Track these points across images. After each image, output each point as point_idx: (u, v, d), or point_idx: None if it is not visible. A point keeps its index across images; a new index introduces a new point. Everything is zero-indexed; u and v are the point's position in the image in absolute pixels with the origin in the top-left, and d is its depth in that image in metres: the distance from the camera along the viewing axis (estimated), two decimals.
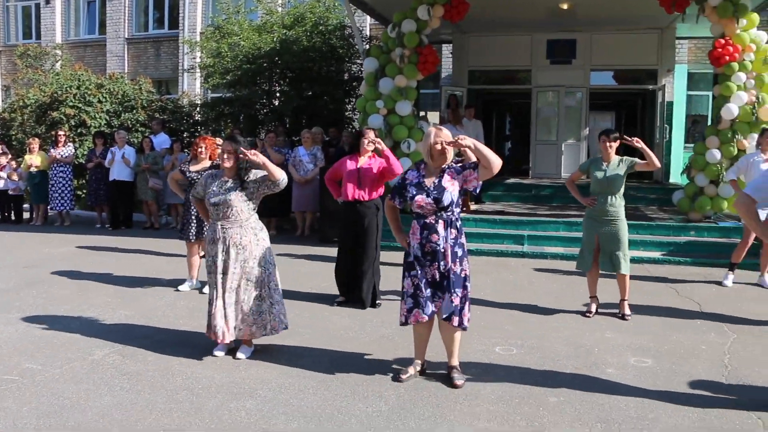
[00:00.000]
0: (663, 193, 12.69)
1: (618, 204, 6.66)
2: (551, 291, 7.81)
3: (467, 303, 4.84)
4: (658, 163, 6.63)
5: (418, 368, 5.01)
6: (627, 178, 6.72)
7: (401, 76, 10.86)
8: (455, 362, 4.94)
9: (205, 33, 17.68)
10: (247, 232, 5.32)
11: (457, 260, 4.77)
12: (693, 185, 10.41)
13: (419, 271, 4.77)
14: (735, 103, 9.90)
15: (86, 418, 4.27)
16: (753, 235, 8.07)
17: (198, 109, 16.98)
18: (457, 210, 4.81)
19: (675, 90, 16.91)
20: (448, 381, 4.84)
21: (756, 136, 9.69)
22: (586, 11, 13.74)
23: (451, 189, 4.71)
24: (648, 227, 10.23)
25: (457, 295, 4.75)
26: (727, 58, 9.91)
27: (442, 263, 4.72)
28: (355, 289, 7.03)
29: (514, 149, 22.75)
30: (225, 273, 5.29)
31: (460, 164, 4.79)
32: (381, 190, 7.09)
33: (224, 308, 5.29)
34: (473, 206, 9.79)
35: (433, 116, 17.14)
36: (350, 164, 7.04)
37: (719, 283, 8.28)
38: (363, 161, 7.04)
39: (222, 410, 4.38)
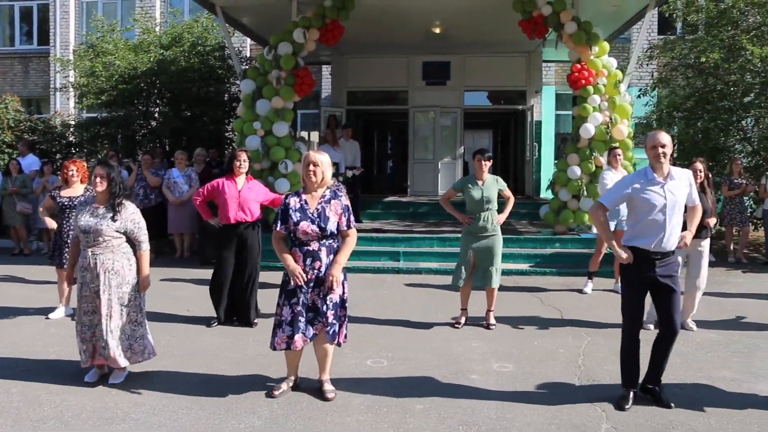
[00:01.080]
0: (533, 208, 13.37)
1: (494, 221, 7.00)
2: (424, 305, 8.12)
3: (345, 322, 5.01)
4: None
5: (291, 384, 5.14)
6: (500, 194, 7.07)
7: (278, 97, 10.99)
8: (326, 376, 5.10)
9: (78, 51, 17.15)
10: (119, 257, 5.29)
11: (339, 284, 4.90)
12: (557, 200, 11.09)
13: (300, 298, 4.84)
14: (591, 123, 10.64)
15: None
16: (605, 244, 8.70)
17: (72, 129, 16.41)
18: (339, 237, 4.97)
19: (543, 110, 17.92)
20: (320, 394, 5.00)
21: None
22: (458, 35, 14.38)
23: (334, 218, 4.87)
24: (517, 240, 10.79)
25: (337, 315, 4.89)
26: (583, 81, 10.66)
27: (323, 289, 4.83)
28: (241, 310, 7.09)
29: (395, 167, 23.26)
30: (99, 299, 5.22)
31: (336, 192, 4.96)
32: (259, 211, 7.20)
33: (100, 334, 5.23)
34: None
35: (314, 136, 17.36)
36: (229, 186, 7.08)
37: (580, 291, 8.87)
38: (241, 183, 7.12)
39: None
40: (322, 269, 4.83)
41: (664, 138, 4.72)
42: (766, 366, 5.80)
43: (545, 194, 16.46)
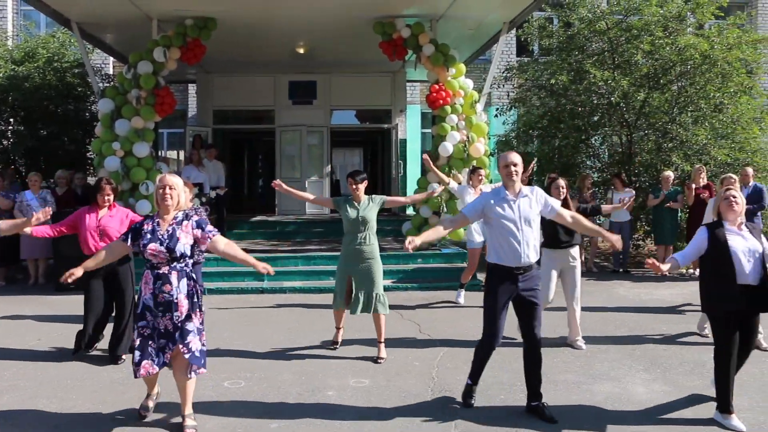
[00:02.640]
0: (398, 225, 13.66)
1: (372, 242, 6.84)
2: (286, 324, 8.13)
3: (204, 353, 4.86)
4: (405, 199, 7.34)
5: (155, 399, 5.11)
6: None
7: (138, 117, 10.73)
8: (188, 410, 4.86)
9: None
10: None
11: (196, 310, 4.80)
12: (419, 216, 11.42)
13: (150, 322, 4.73)
14: (449, 141, 11.06)
15: None
16: (477, 257, 9.06)
17: None
18: (191, 261, 4.85)
19: (409, 128, 18.42)
20: (180, 428, 4.80)
21: (467, 171, 10.95)
22: (323, 55, 14.57)
23: (185, 239, 4.74)
24: (381, 257, 10.97)
25: (196, 346, 4.75)
26: (441, 101, 11.09)
27: (175, 314, 4.69)
28: (111, 342, 6.65)
29: (264, 187, 23.13)
30: None
31: (198, 219, 4.87)
32: None
33: None
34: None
35: (181, 155, 17.04)
36: (90, 217, 6.73)
37: (450, 302, 9.27)
38: (103, 212, 6.80)
39: None
40: (173, 293, 4.70)
41: (516, 158, 5.02)
42: (603, 368, 6.22)
43: (409, 211, 16.91)
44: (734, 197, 5.00)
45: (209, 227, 4.83)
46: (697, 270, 6.96)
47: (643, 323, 8.04)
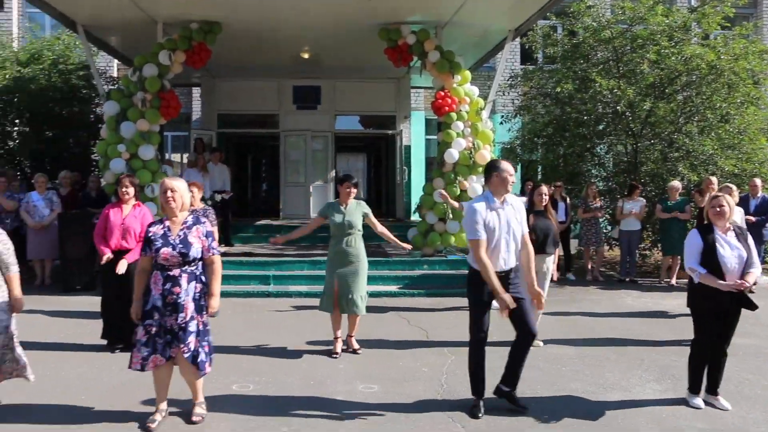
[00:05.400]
0: (403, 231, 13.51)
1: (358, 245, 6.93)
2: (293, 328, 8.10)
3: (211, 351, 4.95)
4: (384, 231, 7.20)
5: (164, 414, 5.01)
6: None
7: (143, 120, 10.71)
8: (198, 399, 5.06)
9: None
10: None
11: (202, 312, 4.87)
12: (424, 223, 11.38)
13: (157, 321, 4.78)
14: (455, 148, 11.04)
15: None
16: None
17: None
18: (201, 264, 4.92)
19: (413, 134, 18.40)
20: (189, 416, 4.97)
21: (474, 178, 10.93)
22: (328, 60, 14.58)
23: (197, 244, 4.83)
24: (386, 263, 10.99)
25: (202, 347, 4.85)
26: (446, 108, 11.07)
27: (180, 315, 4.74)
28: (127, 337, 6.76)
29: (268, 191, 23.13)
30: None
31: (208, 231, 4.92)
32: None
33: None
34: (222, 248, 9.84)
35: (185, 158, 17.01)
36: (114, 214, 6.92)
37: (457, 308, 9.15)
38: (127, 210, 6.96)
39: None
40: (181, 296, 4.75)
41: (511, 168, 5.17)
42: (614, 378, 6.18)
43: (415, 217, 16.90)
44: (721, 205, 5.32)
45: (215, 244, 4.96)
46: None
47: (652, 332, 8.00)
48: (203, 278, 4.91)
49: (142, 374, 5.24)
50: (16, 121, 14.86)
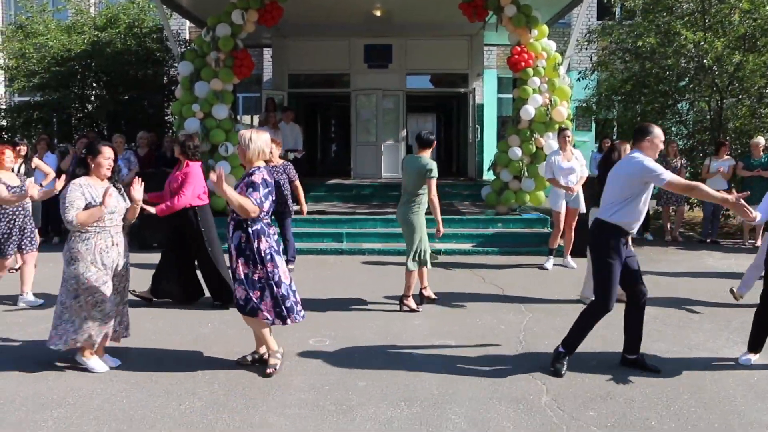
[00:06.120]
0: (475, 189, 13.45)
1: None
2: (366, 285, 8.09)
3: (263, 298, 4.95)
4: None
5: (250, 359, 5.26)
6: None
7: (217, 79, 10.79)
8: (270, 348, 5.13)
9: (6, 32, 16.54)
10: (124, 236, 5.27)
11: (247, 262, 4.92)
12: (499, 181, 11.18)
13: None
14: (531, 104, 10.74)
15: None
16: (561, 221, 8.90)
17: (2, 114, 15.85)
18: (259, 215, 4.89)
19: (485, 93, 18.03)
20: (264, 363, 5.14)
21: (551, 135, 10.64)
22: (400, 17, 14.34)
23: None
24: (459, 221, 10.86)
25: (239, 295, 4.96)
26: (523, 64, 10.75)
27: (232, 262, 5.02)
28: (223, 289, 6.99)
29: (338, 151, 23.18)
30: (123, 279, 5.26)
31: (248, 180, 4.90)
32: (190, 196, 6.99)
33: (123, 312, 5.34)
34: (294, 207, 9.86)
35: (255, 120, 17.16)
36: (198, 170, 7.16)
37: (540, 267, 9.04)
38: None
39: (26, 422, 4.22)
40: (229, 242, 5.02)
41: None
42: (698, 338, 5.96)
43: (487, 176, 16.67)
44: None
45: (254, 195, 4.83)
46: None
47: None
48: (251, 229, 4.90)
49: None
50: (94, 84, 15.21)
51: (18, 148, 9.34)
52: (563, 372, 4.96)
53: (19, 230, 7.08)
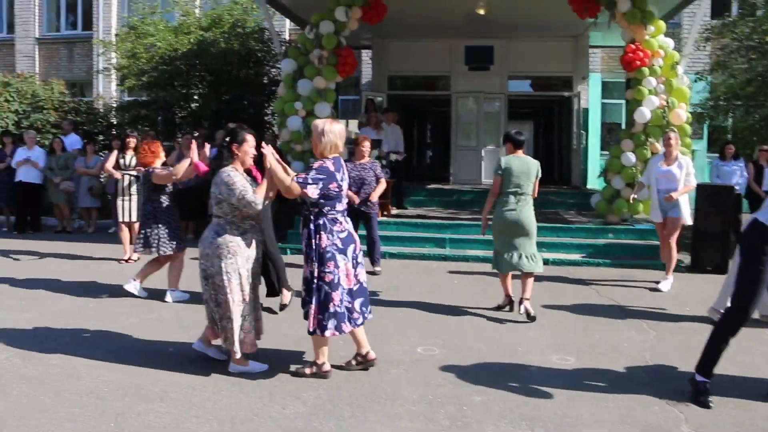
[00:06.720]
0: (581, 198, 12.87)
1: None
2: (472, 292, 7.71)
3: (317, 305, 4.65)
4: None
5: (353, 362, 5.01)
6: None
7: (320, 77, 10.67)
8: (363, 350, 4.96)
9: (119, 33, 17.05)
10: None
11: (311, 261, 4.66)
12: (610, 188, 10.55)
13: None
14: (647, 106, 10.09)
15: None
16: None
17: (113, 111, 16.37)
18: (314, 209, 4.67)
19: (590, 97, 17.32)
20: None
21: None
22: (503, 17, 13.84)
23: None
24: (568, 230, 10.31)
25: (308, 293, 4.70)
26: (638, 62, 10.09)
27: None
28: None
29: (434, 155, 22.86)
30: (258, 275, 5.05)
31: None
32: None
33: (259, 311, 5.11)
34: (394, 210, 9.65)
35: (353, 124, 17.00)
36: None
37: (655, 287, 8.09)
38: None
39: (129, 413, 4.13)
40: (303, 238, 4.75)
41: None
42: None
43: (592, 184, 15.98)
44: None
45: (302, 175, 4.62)
46: None
47: None
48: (313, 224, 4.64)
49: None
50: (198, 83, 15.45)
51: (128, 139, 9.51)
52: (711, 404, 4.35)
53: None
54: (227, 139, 4.93)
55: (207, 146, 6.68)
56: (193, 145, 6.44)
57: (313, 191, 4.55)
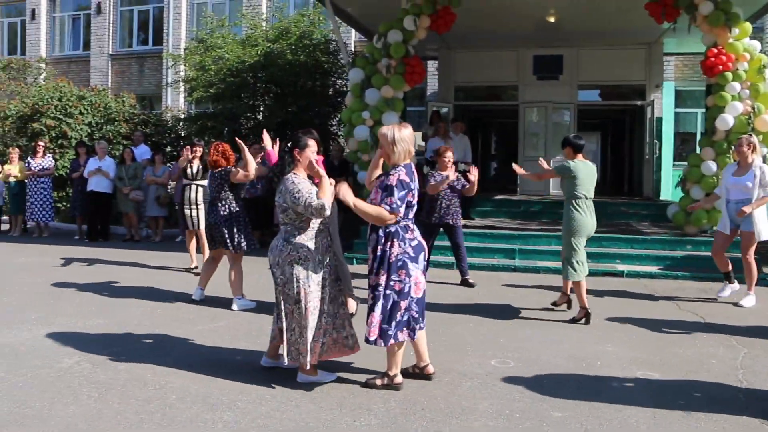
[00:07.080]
0: (655, 209, 12.38)
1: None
2: (546, 304, 7.39)
3: (372, 312, 4.49)
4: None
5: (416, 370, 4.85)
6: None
7: (388, 86, 10.55)
8: (422, 363, 4.84)
9: (189, 47, 17.34)
10: None
11: (380, 269, 4.49)
12: (688, 198, 10.08)
13: None
14: (730, 113, 9.61)
15: (48, 427, 3.92)
16: (718, 245, 7.79)
17: (181, 123, 16.65)
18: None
19: (663, 106, 16.75)
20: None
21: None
22: (573, 25, 13.51)
23: (374, 195, 4.57)
24: (643, 241, 9.90)
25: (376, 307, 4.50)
26: (721, 67, 9.63)
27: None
28: None
29: (500, 167, 22.49)
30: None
31: (386, 182, 4.47)
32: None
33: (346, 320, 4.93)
34: (462, 221, 9.46)
35: (417, 136, 16.85)
36: None
37: (737, 302, 7.60)
38: None
39: (197, 422, 4.03)
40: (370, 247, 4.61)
41: None
42: None
43: (665, 196, 15.43)
44: None
45: (387, 200, 4.40)
46: None
47: None
48: (383, 231, 4.46)
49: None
50: (264, 95, 15.54)
51: (195, 148, 9.59)
52: None
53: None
54: (289, 144, 4.83)
55: (278, 141, 6.57)
56: (266, 135, 6.38)
57: (403, 211, 4.46)
